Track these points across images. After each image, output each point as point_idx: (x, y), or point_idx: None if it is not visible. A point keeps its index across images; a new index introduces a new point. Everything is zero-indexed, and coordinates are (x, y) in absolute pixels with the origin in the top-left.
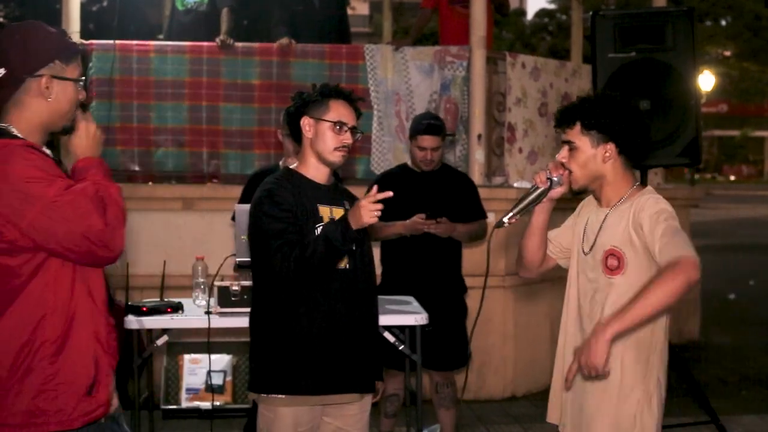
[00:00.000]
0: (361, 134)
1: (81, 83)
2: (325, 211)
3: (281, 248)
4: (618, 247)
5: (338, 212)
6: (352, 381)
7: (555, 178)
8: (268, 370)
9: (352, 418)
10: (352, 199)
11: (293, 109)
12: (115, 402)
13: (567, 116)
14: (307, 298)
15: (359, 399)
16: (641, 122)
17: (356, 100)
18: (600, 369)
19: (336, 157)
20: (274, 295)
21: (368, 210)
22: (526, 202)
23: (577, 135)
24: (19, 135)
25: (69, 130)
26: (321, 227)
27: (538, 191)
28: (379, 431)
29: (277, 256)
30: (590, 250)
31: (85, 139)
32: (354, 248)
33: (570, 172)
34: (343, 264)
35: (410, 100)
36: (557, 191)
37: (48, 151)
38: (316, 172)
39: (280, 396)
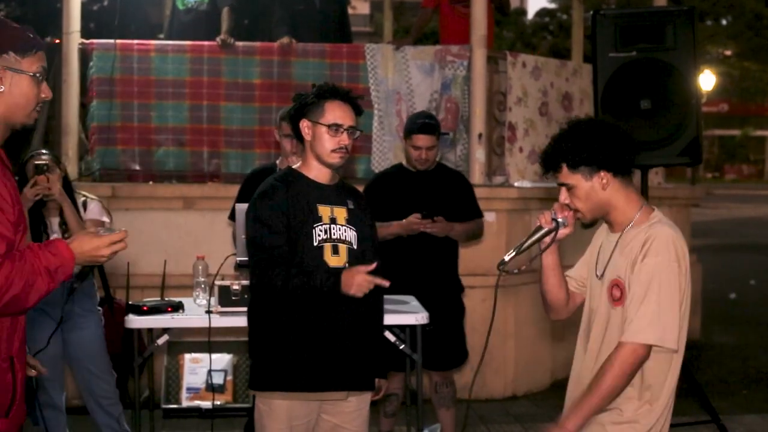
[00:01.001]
0: (361, 133)
1: (39, 77)
2: (326, 211)
3: (260, 264)
4: (622, 278)
5: (339, 211)
6: (347, 379)
7: (560, 220)
8: (264, 368)
9: (349, 415)
10: (358, 198)
11: (293, 112)
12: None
13: (550, 163)
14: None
15: (356, 396)
16: (622, 137)
17: (354, 99)
18: None
19: (334, 159)
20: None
21: (363, 286)
22: (530, 242)
23: (567, 176)
24: None
25: (29, 128)
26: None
27: (543, 231)
28: (379, 431)
29: (255, 271)
30: (602, 275)
31: (87, 245)
32: (355, 247)
33: (576, 210)
34: (342, 263)
35: (411, 100)
36: (562, 233)
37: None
38: (318, 172)
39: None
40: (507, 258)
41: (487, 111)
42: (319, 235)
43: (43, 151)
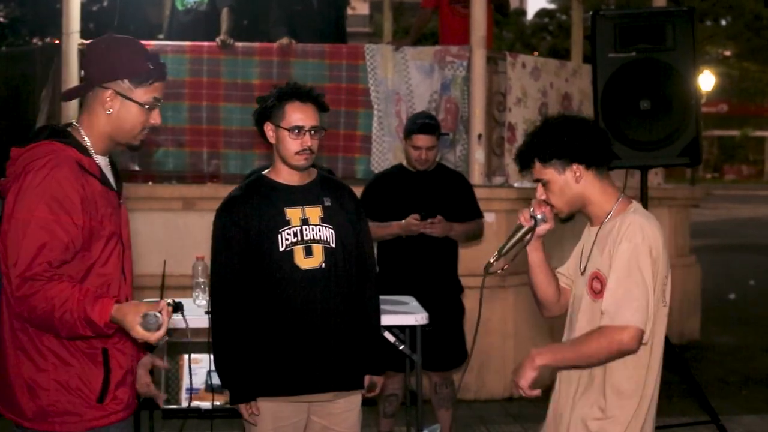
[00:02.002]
0: (324, 131)
1: (150, 108)
2: (295, 213)
3: (214, 285)
4: (601, 270)
5: (312, 211)
6: (332, 380)
7: (539, 216)
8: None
9: (338, 416)
10: (339, 192)
11: (256, 116)
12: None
13: (523, 160)
14: (269, 301)
15: (344, 397)
16: (592, 130)
17: (316, 97)
18: (524, 391)
19: (298, 161)
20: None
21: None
22: (512, 241)
23: (541, 171)
24: (84, 138)
25: (133, 148)
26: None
27: (524, 230)
28: (378, 431)
29: (212, 286)
30: (584, 270)
31: (125, 322)
32: (333, 246)
33: (552, 206)
34: (318, 264)
35: (410, 100)
36: (543, 228)
37: (104, 162)
38: (287, 175)
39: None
40: (492, 260)
41: (487, 111)
42: (286, 239)
43: None
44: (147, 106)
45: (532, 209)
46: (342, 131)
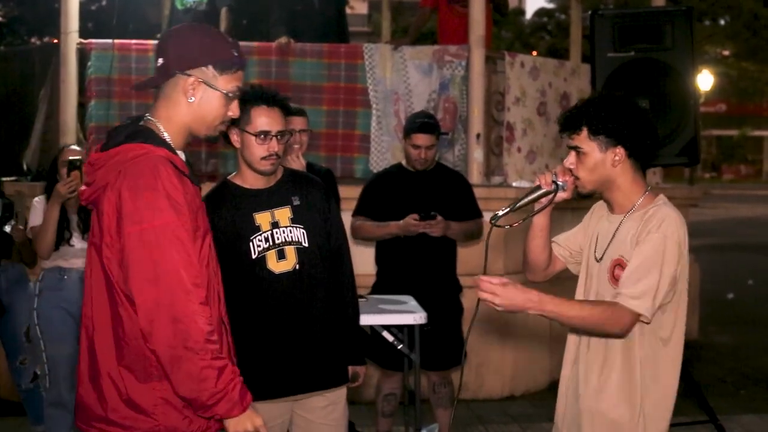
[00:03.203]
0: (291, 135)
1: (232, 98)
2: (264, 218)
3: None
4: (625, 258)
5: (282, 213)
6: (310, 380)
7: (560, 183)
8: None
9: (321, 411)
10: (308, 188)
11: None
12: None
13: (573, 121)
14: (245, 308)
15: (328, 392)
16: (649, 123)
17: (282, 101)
18: (495, 305)
19: (264, 166)
20: None
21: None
22: (526, 200)
23: (584, 140)
24: (163, 133)
25: (212, 140)
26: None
27: (541, 191)
28: (376, 431)
29: None
30: (602, 257)
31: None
32: (306, 245)
33: (577, 178)
34: (291, 266)
35: (409, 100)
36: (560, 196)
37: (183, 157)
38: (253, 179)
39: None
40: (501, 213)
41: (486, 111)
42: (258, 245)
43: (75, 147)
44: (230, 95)
45: (554, 174)
46: (340, 131)
